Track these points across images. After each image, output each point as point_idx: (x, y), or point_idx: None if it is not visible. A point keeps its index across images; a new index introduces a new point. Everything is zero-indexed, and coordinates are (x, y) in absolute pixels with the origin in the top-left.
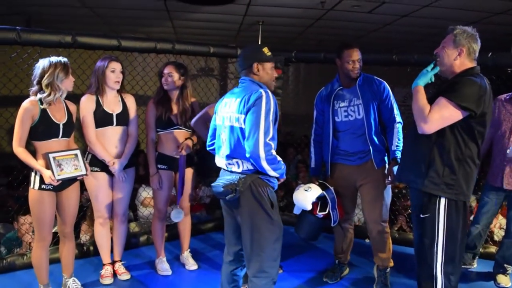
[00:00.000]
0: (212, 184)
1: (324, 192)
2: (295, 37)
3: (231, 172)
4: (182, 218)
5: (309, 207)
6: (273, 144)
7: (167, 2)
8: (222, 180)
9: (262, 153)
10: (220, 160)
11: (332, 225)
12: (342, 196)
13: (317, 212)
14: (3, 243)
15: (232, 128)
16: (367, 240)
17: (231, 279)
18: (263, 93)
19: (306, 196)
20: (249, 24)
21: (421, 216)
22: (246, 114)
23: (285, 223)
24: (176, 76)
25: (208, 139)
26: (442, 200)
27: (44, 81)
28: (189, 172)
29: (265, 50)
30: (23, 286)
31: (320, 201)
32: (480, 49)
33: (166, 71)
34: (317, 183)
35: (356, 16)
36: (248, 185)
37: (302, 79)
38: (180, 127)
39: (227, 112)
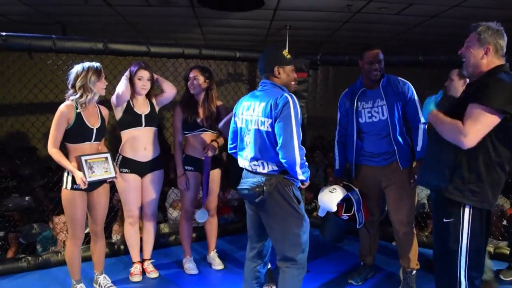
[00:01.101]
0: (239, 188)
1: (349, 193)
2: (323, 41)
3: (256, 173)
4: (207, 219)
5: (334, 208)
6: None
7: (196, 9)
8: (247, 183)
9: (298, 159)
10: (243, 162)
11: (357, 226)
12: (367, 197)
13: (342, 214)
14: (39, 241)
15: (258, 131)
16: (394, 243)
17: (254, 276)
18: (289, 98)
19: (331, 197)
20: (277, 28)
21: (445, 220)
22: (274, 119)
23: (311, 225)
24: (201, 79)
25: (229, 141)
26: (467, 208)
27: (78, 84)
28: (216, 173)
29: (285, 53)
30: (57, 282)
31: (345, 203)
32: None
33: (191, 75)
34: (342, 184)
35: (383, 18)
36: (274, 186)
37: (331, 83)
38: (206, 129)
39: (251, 115)
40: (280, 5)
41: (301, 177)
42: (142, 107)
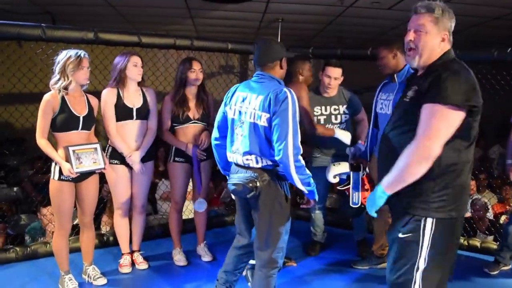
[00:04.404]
0: (229, 183)
1: (351, 172)
2: (316, 35)
3: (248, 168)
4: (205, 209)
5: (329, 179)
6: (301, 148)
7: (188, 0)
8: (239, 178)
9: (291, 157)
10: (233, 156)
11: (351, 204)
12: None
13: (338, 186)
14: (27, 232)
15: (253, 125)
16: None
17: (235, 262)
18: (288, 93)
19: (331, 169)
20: (269, 21)
21: (400, 236)
22: (272, 114)
23: (302, 219)
24: (202, 70)
25: (216, 132)
26: (429, 221)
27: (57, 69)
28: (205, 165)
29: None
30: (45, 273)
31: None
32: (500, 45)
33: (196, 67)
34: (355, 164)
35: (376, 13)
36: (268, 181)
37: None
38: (197, 122)
39: (246, 107)
40: None
41: (299, 185)
42: (133, 99)
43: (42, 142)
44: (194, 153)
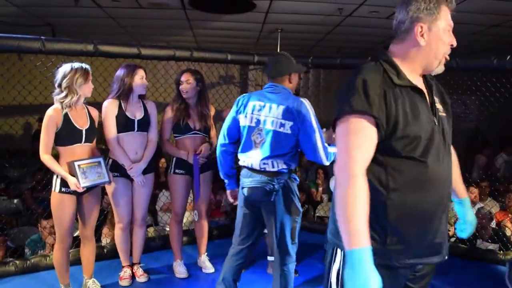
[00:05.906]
0: (245, 186)
1: None
2: (315, 44)
3: (263, 171)
4: (196, 220)
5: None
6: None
7: (188, 11)
8: (255, 181)
9: (324, 160)
10: (248, 160)
11: None
12: None
13: None
14: (27, 244)
15: (276, 132)
16: None
17: (233, 272)
18: (307, 104)
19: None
20: (269, 31)
21: None
22: (296, 123)
23: (303, 229)
24: (193, 82)
25: (225, 138)
26: None
27: (63, 84)
28: (206, 176)
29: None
30: (45, 286)
31: None
32: (500, 52)
33: (183, 78)
34: None
35: (374, 22)
36: (283, 183)
37: (322, 86)
38: (198, 133)
39: (265, 116)
40: (271, 8)
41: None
42: (135, 111)
43: (45, 157)
44: (195, 161)
